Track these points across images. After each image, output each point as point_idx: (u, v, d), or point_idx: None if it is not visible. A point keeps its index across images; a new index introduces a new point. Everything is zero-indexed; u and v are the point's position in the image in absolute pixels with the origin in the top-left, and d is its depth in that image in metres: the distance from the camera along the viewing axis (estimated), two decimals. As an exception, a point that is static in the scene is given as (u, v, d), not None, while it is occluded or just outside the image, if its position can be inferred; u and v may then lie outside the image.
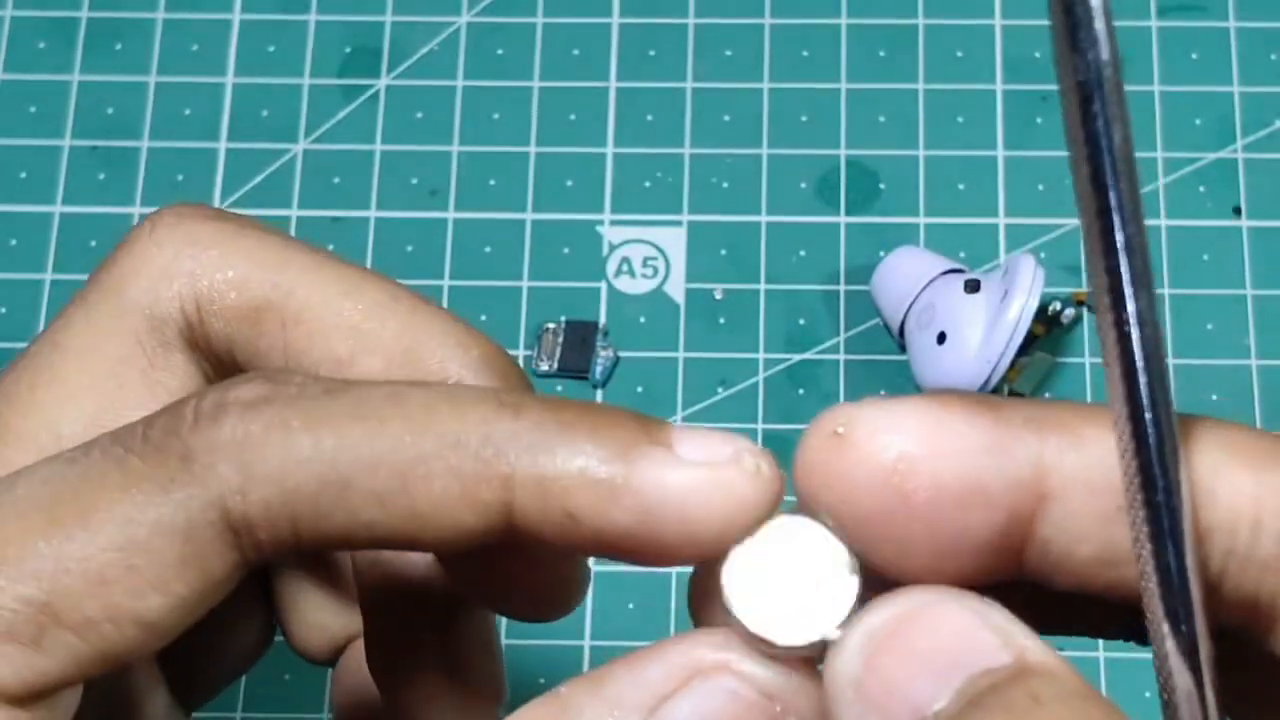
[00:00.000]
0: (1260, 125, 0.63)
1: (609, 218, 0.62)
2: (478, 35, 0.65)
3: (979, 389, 0.57)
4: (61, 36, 0.65)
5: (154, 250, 0.34)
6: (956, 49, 0.64)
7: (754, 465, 0.27)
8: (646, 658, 0.27)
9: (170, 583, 0.28)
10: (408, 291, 0.33)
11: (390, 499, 0.28)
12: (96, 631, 0.28)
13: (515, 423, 0.28)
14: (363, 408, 0.28)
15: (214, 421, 0.28)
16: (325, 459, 0.28)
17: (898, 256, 0.60)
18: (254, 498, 0.28)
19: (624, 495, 0.27)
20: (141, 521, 0.28)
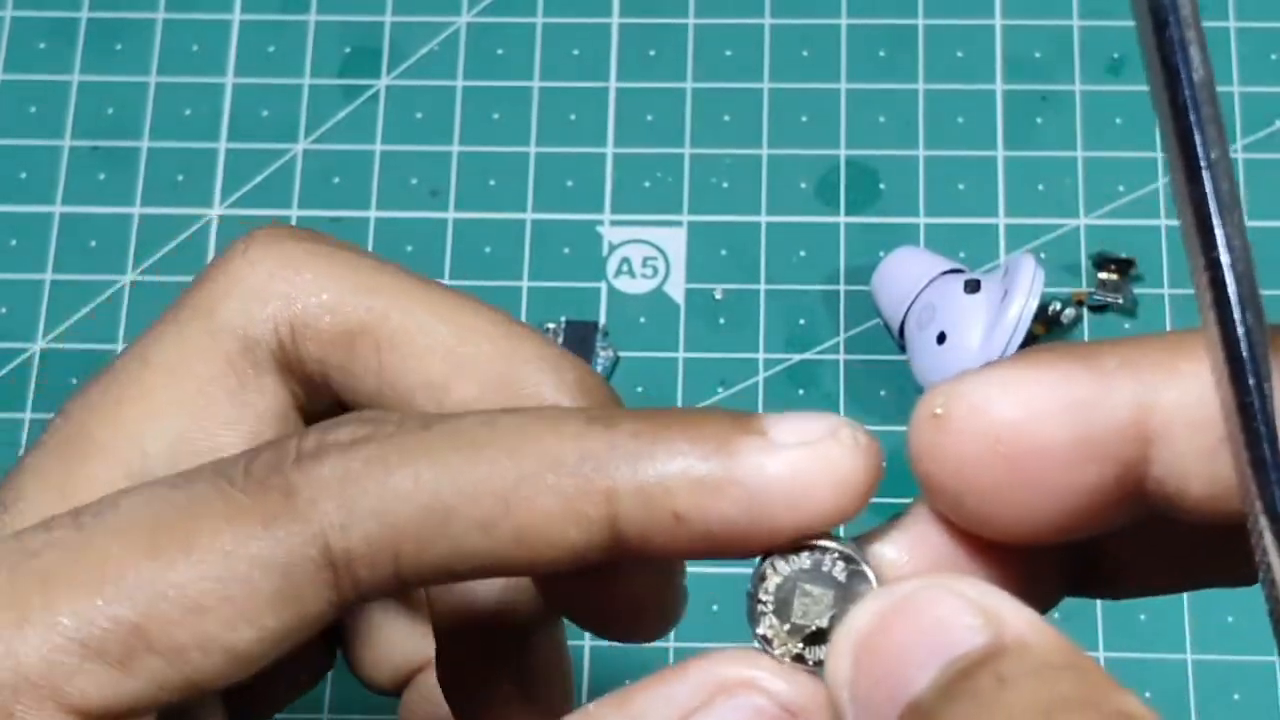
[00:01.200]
0: (1261, 125, 0.63)
1: (609, 218, 0.62)
2: (478, 35, 0.65)
3: (979, 389, 0.57)
4: (61, 36, 0.65)
5: (248, 271, 0.34)
6: (957, 49, 0.64)
7: (851, 438, 0.28)
8: (672, 676, 0.28)
9: (263, 616, 0.28)
10: (502, 315, 0.34)
11: (493, 525, 0.28)
12: (184, 658, 0.28)
13: (610, 435, 0.28)
14: (458, 438, 0.29)
15: (316, 460, 0.29)
16: (426, 491, 0.28)
17: (898, 256, 0.60)
18: (355, 533, 0.28)
19: (729, 487, 0.28)
20: (242, 555, 0.28)
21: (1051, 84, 0.64)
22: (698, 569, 0.29)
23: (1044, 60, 0.64)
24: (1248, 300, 0.24)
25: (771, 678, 0.27)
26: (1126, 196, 0.62)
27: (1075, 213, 0.62)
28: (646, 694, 0.28)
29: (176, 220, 0.63)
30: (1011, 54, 0.64)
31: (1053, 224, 0.61)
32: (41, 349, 0.61)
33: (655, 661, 0.54)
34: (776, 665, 0.28)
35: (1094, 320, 0.60)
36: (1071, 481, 0.26)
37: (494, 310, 0.34)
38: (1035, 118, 0.63)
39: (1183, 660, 0.55)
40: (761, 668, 0.27)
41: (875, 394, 0.59)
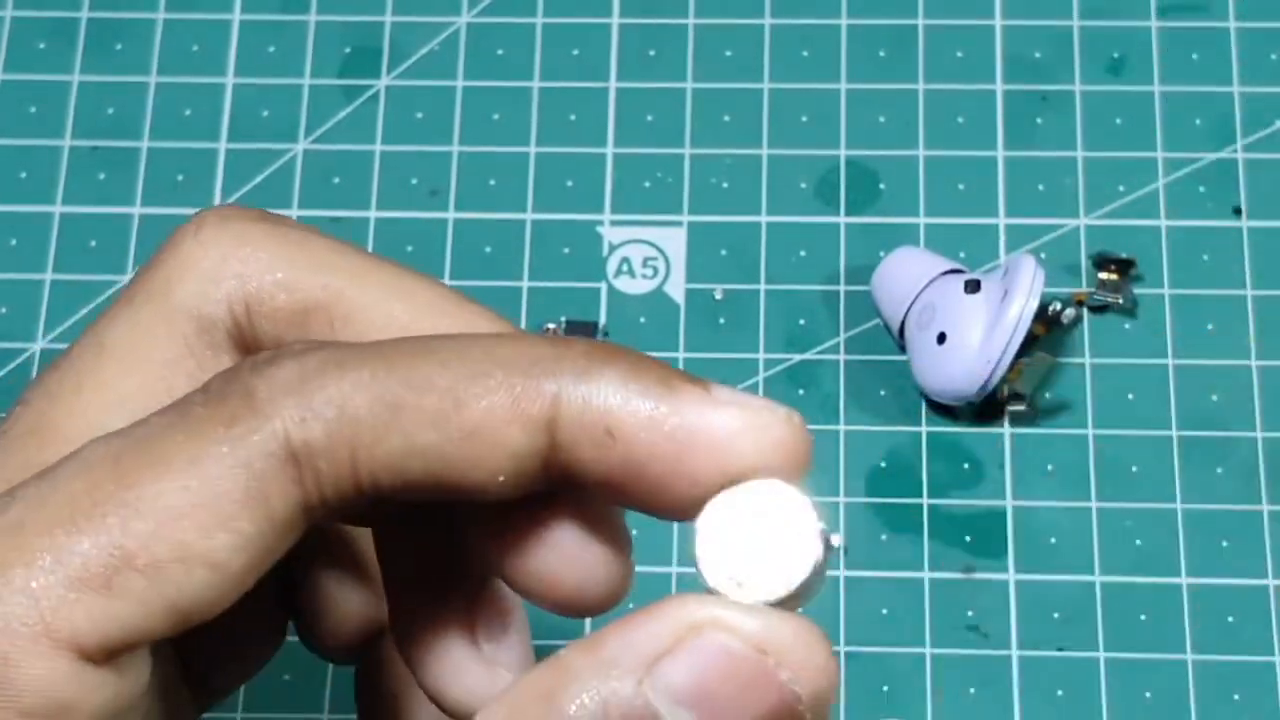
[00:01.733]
0: (1261, 125, 0.62)
1: (609, 218, 0.62)
2: (478, 35, 0.65)
3: (979, 389, 0.57)
4: (61, 37, 0.65)
5: (200, 252, 0.34)
6: (957, 49, 0.64)
7: (784, 413, 0.29)
8: (642, 618, 0.28)
9: (236, 519, 0.29)
10: (455, 292, 0.34)
11: (444, 419, 0.29)
12: (166, 574, 0.28)
13: (563, 349, 0.29)
14: (411, 343, 0.30)
15: (273, 364, 0.29)
16: (379, 384, 0.29)
17: (898, 257, 0.60)
18: (315, 425, 0.29)
19: (664, 419, 0.29)
20: (207, 459, 0.29)
21: (1052, 84, 0.63)
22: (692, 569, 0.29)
23: (1044, 60, 0.64)
24: None
25: (741, 616, 0.28)
26: (1127, 197, 0.62)
27: (1075, 213, 0.62)
28: (617, 636, 0.28)
29: (176, 220, 0.61)
30: (1012, 54, 0.64)
31: (1053, 224, 0.61)
32: (41, 349, 0.61)
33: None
34: (744, 605, 0.28)
35: (1094, 320, 0.60)
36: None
37: (449, 289, 0.34)
38: (1035, 118, 0.63)
39: (1183, 660, 0.55)
40: (730, 608, 0.28)
41: (875, 394, 0.59)
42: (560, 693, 0.28)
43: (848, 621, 0.56)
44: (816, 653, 0.28)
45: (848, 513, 0.57)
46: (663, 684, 0.28)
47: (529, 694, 0.28)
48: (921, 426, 0.59)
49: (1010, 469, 0.58)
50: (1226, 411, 0.58)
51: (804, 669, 0.28)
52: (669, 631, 0.28)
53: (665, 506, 0.30)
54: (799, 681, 0.28)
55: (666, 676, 0.28)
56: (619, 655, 0.28)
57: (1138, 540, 0.57)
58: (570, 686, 0.28)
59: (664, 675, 0.28)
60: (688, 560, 0.29)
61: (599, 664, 0.28)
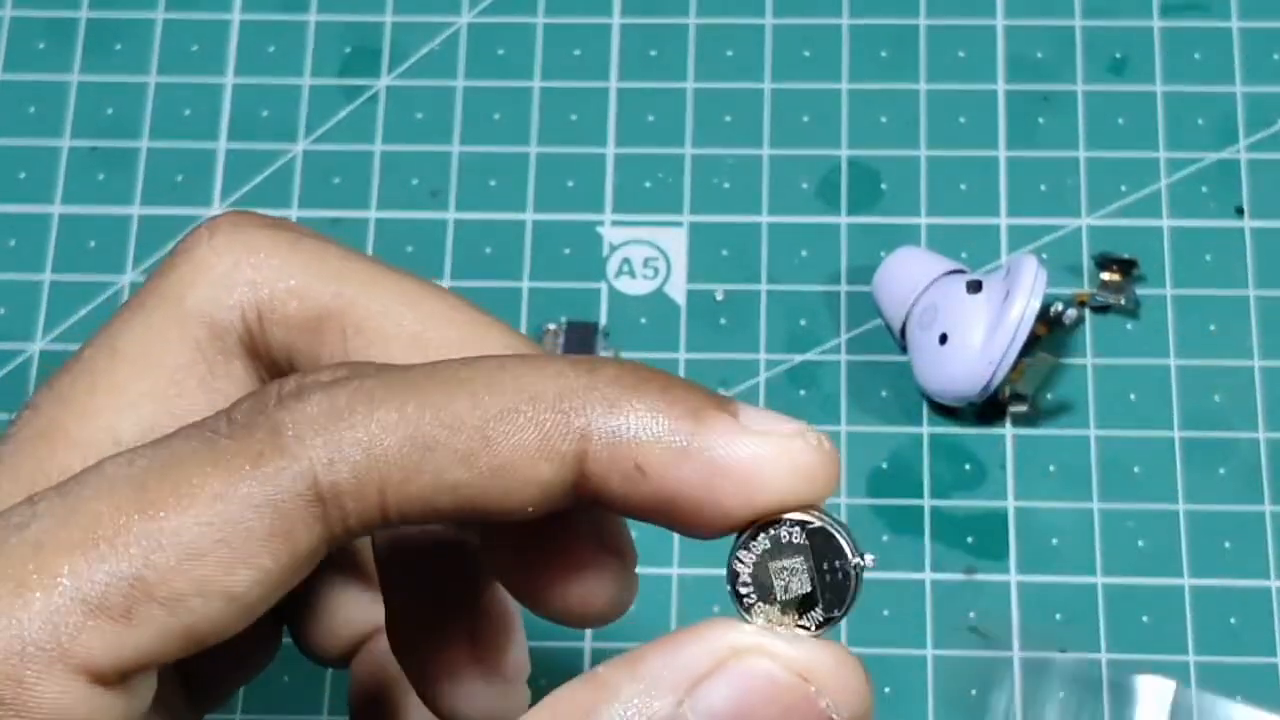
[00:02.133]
0: (1263, 125, 0.62)
1: (609, 218, 0.62)
2: (478, 35, 0.65)
3: (981, 390, 0.57)
4: (61, 36, 0.65)
5: (214, 258, 0.34)
6: (958, 49, 0.64)
7: (816, 440, 0.29)
8: (684, 639, 0.28)
9: (259, 556, 0.29)
10: (467, 302, 0.34)
11: (474, 456, 0.29)
12: (185, 606, 0.28)
13: (591, 378, 0.29)
14: (441, 374, 0.29)
15: (299, 398, 0.29)
16: (410, 423, 0.29)
17: (899, 257, 0.59)
18: (342, 466, 0.29)
19: (695, 452, 0.29)
20: (232, 496, 0.28)
21: (1053, 84, 0.63)
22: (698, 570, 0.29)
23: (1046, 60, 0.64)
24: None
25: (784, 644, 0.28)
26: (1129, 197, 0.62)
27: (1077, 213, 0.61)
28: (658, 655, 0.28)
29: (176, 220, 0.62)
30: (1013, 54, 0.64)
31: (1055, 224, 0.61)
32: (41, 349, 0.61)
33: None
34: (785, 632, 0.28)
35: (1096, 321, 0.60)
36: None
37: (461, 299, 0.34)
38: (1037, 118, 0.63)
39: (1185, 662, 0.55)
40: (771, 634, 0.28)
41: (876, 394, 0.59)
42: (600, 709, 0.28)
43: (849, 622, 0.56)
44: (855, 680, 0.28)
45: (849, 514, 0.57)
46: (704, 705, 0.28)
47: (568, 709, 0.28)
48: (923, 427, 0.59)
49: (1012, 470, 0.58)
50: (1229, 412, 0.58)
51: (843, 695, 0.28)
52: (711, 654, 0.28)
53: (695, 534, 0.30)
54: (838, 708, 0.28)
55: (707, 699, 0.28)
56: (660, 675, 0.28)
57: (1140, 541, 0.57)
58: (611, 704, 0.28)
59: (705, 697, 0.28)
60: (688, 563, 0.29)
61: (638, 682, 0.28)
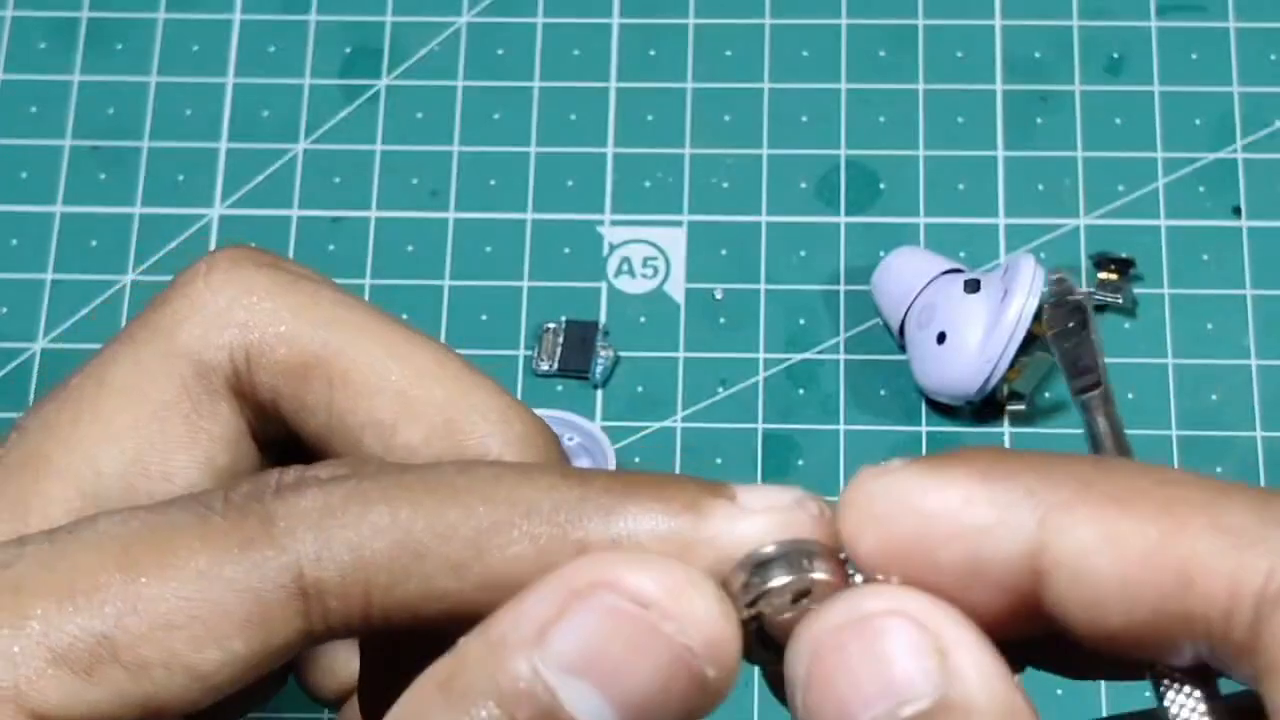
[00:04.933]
0: (1260, 125, 0.63)
1: (609, 218, 0.62)
2: (478, 35, 0.65)
3: (979, 389, 0.57)
4: (61, 36, 0.65)
5: (209, 296, 0.34)
6: (956, 49, 0.64)
7: (816, 509, 0.28)
8: (527, 592, 0.27)
9: (230, 639, 0.29)
10: (455, 357, 0.34)
11: (465, 567, 0.28)
12: (148, 675, 0.28)
13: (584, 489, 0.28)
14: (436, 481, 0.29)
15: (295, 491, 0.29)
16: (402, 528, 0.28)
17: (898, 256, 0.60)
18: (330, 565, 0.28)
19: (698, 546, 0.28)
20: (216, 577, 0.28)
21: (1051, 84, 0.64)
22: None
23: (1044, 60, 0.64)
24: None
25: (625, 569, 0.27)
26: (1126, 196, 0.62)
27: (1075, 213, 0.62)
28: (505, 614, 0.27)
29: (176, 220, 0.63)
30: (1011, 54, 0.64)
31: (1052, 224, 0.61)
32: (41, 349, 0.61)
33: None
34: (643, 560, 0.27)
35: (1094, 320, 0.60)
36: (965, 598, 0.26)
37: (450, 354, 0.34)
38: (1035, 118, 0.63)
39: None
40: (620, 565, 0.27)
41: (875, 394, 0.59)
42: (455, 680, 0.27)
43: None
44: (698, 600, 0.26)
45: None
46: (553, 656, 0.26)
47: (427, 686, 0.27)
48: (922, 426, 0.59)
49: (1010, 468, 0.58)
50: (1226, 411, 0.59)
51: (691, 619, 0.26)
52: (554, 598, 0.27)
53: None
54: (686, 633, 0.26)
55: (554, 645, 0.26)
56: (507, 632, 0.27)
57: (1137, 540, 0.57)
58: (465, 674, 0.27)
59: (552, 644, 0.26)
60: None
61: (489, 645, 0.27)
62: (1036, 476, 0.26)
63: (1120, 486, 0.26)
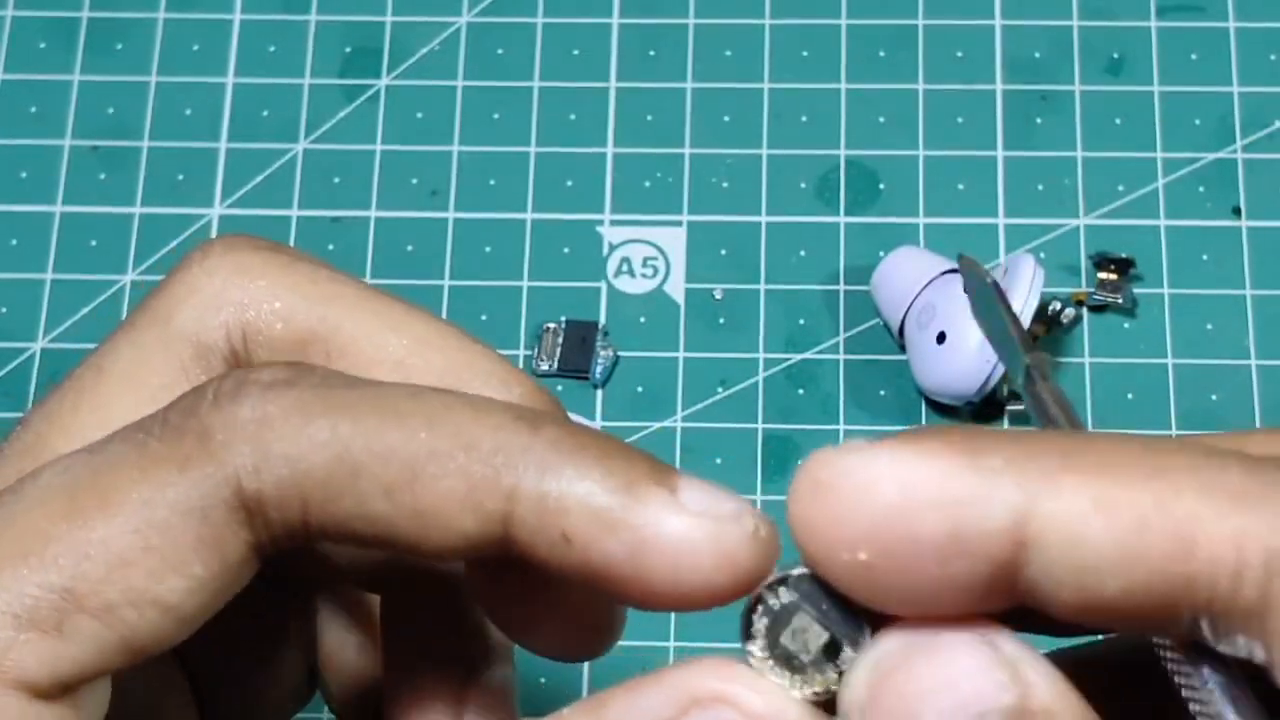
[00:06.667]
0: (1260, 125, 0.63)
1: (609, 218, 0.62)
2: (478, 35, 0.65)
3: (978, 389, 0.57)
4: (61, 36, 0.65)
5: (204, 279, 0.34)
6: (956, 49, 0.64)
7: (752, 526, 0.28)
8: (647, 684, 0.27)
9: (188, 563, 0.28)
10: (452, 327, 0.34)
11: (397, 492, 0.28)
12: (118, 616, 0.28)
13: (530, 437, 0.28)
14: (382, 401, 0.29)
15: (233, 401, 0.29)
16: (340, 444, 0.28)
17: (897, 256, 0.60)
18: (267, 476, 0.28)
19: (621, 528, 0.28)
20: (159, 502, 0.28)
21: (1051, 84, 0.64)
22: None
23: (1043, 60, 0.64)
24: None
25: (748, 693, 0.27)
26: (1126, 196, 0.62)
27: (1075, 213, 0.62)
28: (620, 701, 0.27)
29: (176, 220, 0.63)
30: (1011, 54, 0.64)
31: (1052, 224, 0.61)
32: (41, 349, 0.61)
33: (657, 662, 0.54)
34: (753, 678, 0.27)
35: (1094, 320, 0.60)
36: (941, 573, 0.26)
37: (445, 323, 0.34)
38: (1035, 118, 0.63)
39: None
40: (738, 681, 0.27)
41: (875, 394, 0.59)
42: None
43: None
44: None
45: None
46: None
47: None
48: (922, 426, 0.59)
49: (1010, 468, 0.58)
50: (1226, 411, 0.59)
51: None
52: (674, 700, 0.27)
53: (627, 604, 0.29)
54: None
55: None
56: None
57: (1137, 540, 0.57)
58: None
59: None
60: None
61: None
62: (1016, 448, 0.26)
63: (1104, 455, 0.26)
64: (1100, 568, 0.25)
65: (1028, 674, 0.25)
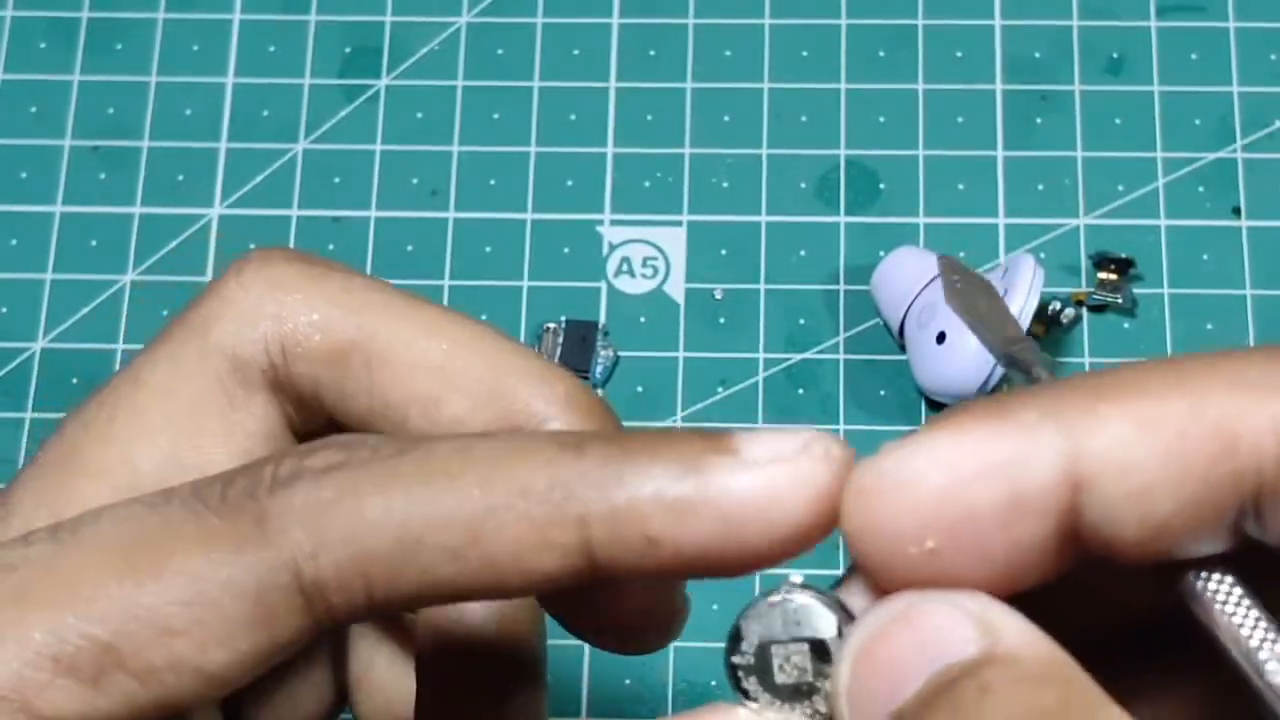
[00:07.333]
0: (1260, 125, 0.63)
1: (609, 218, 0.62)
2: (478, 35, 0.65)
3: (978, 389, 0.57)
4: (62, 36, 0.65)
5: (240, 293, 0.34)
6: (956, 49, 0.64)
7: (823, 450, 0.28)
8: None
9: (235, 639, 0.29)
10: (490, 329, 0.34)
11: (462, 553, 0.28)
12: (157, 679, 0.28)
13: (580, 461, 0.28)
14: (430, 465, 0.29)
15: (288, 487, 0.29)
16: (395, 520, 0.28)
17: (897, 256, 0.60)
18: (325, 561, 0.28)
19: (700, 508, 0.28)
20: (213, 580, 0.28)
21: (1051, 84, 0.64)
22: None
23: (1043, 60, 0.64)
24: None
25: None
26: (1126, 196, 0.62)
27: (1075, 212, 0.62)
28: None
29: (176, 220, 0.63)
30: (1011, 54, 0.64)
31: (1052, 224, 0.61)
32: (41, 349, 0.61)
33: (656, 662, 0.54)
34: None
35: (1094, 320, 0.60)
36: (1009, 539, 0.26)
37: (483, 325, 0.34)
38: (1035, 118, 0.63)
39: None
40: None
41: (875, 393, 0.59)
42: None
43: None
44: None
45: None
46: None
47: None
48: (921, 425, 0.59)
49: (1010, 468, 0.58)
50: (1226, 411, 0.59)
51: None
52: None
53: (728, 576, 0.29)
54: None
55: None
56: None
57: (1137, 540, 0.57)
58: None
59: None
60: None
61: None
62: (1047, 397, 0.26)
63: (1131, 380, 0.26)
64: (1154, 487, 0.26)
65: (998, 624, 0.26)
